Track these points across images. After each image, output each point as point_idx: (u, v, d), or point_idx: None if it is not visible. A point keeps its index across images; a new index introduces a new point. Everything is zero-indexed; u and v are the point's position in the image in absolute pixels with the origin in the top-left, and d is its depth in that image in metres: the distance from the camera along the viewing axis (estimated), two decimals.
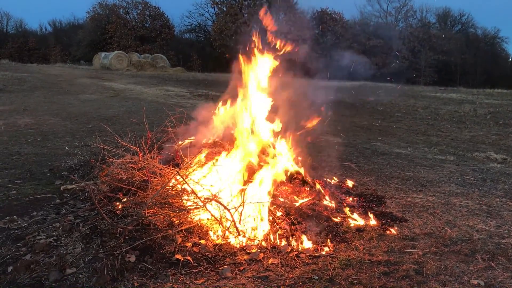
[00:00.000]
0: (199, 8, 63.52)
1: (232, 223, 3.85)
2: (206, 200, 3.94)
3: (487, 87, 29.37)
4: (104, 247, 3.45)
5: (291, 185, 4.74)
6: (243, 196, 4.08)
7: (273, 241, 3.86)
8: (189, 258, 3.43)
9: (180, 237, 3.69)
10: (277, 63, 4.97)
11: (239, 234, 3.82)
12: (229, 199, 4.20)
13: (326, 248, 3.80)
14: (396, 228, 4.31)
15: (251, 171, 4.60)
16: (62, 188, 5.22)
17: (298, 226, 4.03)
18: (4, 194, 4.99)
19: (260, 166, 4.65)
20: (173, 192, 4.24)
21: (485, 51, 48.91)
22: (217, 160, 4.71)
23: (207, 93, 19.12)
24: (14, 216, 4.21)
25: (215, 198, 3.97)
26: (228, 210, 3.84)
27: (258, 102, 4.97)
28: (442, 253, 3.78)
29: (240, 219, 3.93)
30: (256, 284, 3.15)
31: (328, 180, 5.60)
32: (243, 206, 3.95)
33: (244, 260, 3.51)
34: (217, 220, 3.91)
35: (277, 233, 3.94)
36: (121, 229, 3.60)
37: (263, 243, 3.82)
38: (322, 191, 4.81)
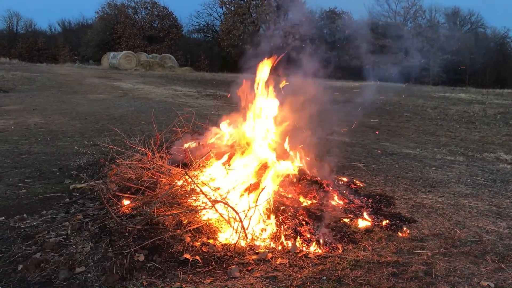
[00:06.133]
0: (207, 8, 63.79)
1: (241, 226, 3.84)
2: (214, 202, 3.93)
3: (496, 87, 29.08)
4: (113, 246, 3.46)
5: (300, 185, 4.73)
6: (257, 197, 4.07)
7: (281, 241, 3.86)
8: (197, 257, 3.44)
9: (189, 236, 3.70)
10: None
11: (246, 237, 3.80)
12: (238, 200, 4.20)
13: (334, 249, 3.79)
14: (405, 228, 4.29)
15: (260, 172, 4.60)
16: (71, 187, 5.26)
17: (306, 226, 4.03)
18: (15, 193, 5.04)
19: (269, 167, 4.64)
20: (182, 192, 4.25)
21: (494, 51, 48.47)
22: (227, 161, 4.71)
23: (215, 93, 19.15)
24: (24, 215, 4.24)
25: (224, 201, 3.96)
26: (237, 213, 3.83)
27: (268, 105, 4.98)
28: (452, 254, 3.76)
29: (249, 223, 3.91)
30: (265, 284, 3.15)
31: (336, 180, 5.59)
32: (254, 210, 3.94)
33: (253, 260, 3.51)
34: (227, 221, 3.91)
35: (286, 234, 3.93)
36: (130, 229, 3.62)
37: (272, 243, 3.82)
38: (331, 192, 4.80)
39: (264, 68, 4.95)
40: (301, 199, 4.59)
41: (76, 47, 51.71)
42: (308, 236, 3.92)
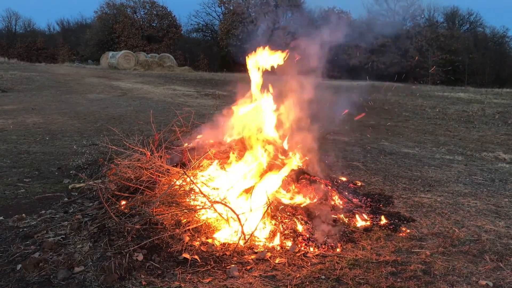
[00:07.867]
0: (206, 8, 64.00)
1: (240, 226, 3.83)
2: (212, 202, 3.93)
3: (495, 86, 29.07)
4: (112, 245, 3.46)
5: (299, 185, 4.73)
6: (250, 194, 4.07)
7: (280, 241, 3.86)
8: (196, 257, 3.44)
9: (188, 236, 3.70)
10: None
11: (245, 237, 3.80)
12: (237, 200, 4.19)
13: (333, 248, 3.79)
14: (403, 228, 4.29)
15: (260, 172, 4.59)
16: (70, 186, 5.26)
17: (305, 226, 4.03)
18: (13, 192, 5.03)
19: (268, 167, 4.64)
20: (181, 191, 4.24)
21: (493, 50, 48.42)
22: (226, 161, 4.71)
23: (214, 93, 19.14)
24: (23, 215, 4.24)
25: (223, 202, 3.96)
26: (237, 214, 3.83)
27: (266, 104, 4.97)
28: (450, 253, 3.76)
29: (248, 223, 3.91)
30: (263, 283, 3.15)
31: (335, 179, 5.58)
32: (251, 210, 3.93)
33: (251, 259, 3.51)
34: (226, 220, 3.91)
35: (284, 233, 3.94)
36: (129, 228, 3.62)
37: (271, 243, 3.82)
38: (329, 191, 4.80)
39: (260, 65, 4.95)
40: (300, 198, 4.58)
41: (75, 47, 51.68)
42: (307, 235, 3.92)
